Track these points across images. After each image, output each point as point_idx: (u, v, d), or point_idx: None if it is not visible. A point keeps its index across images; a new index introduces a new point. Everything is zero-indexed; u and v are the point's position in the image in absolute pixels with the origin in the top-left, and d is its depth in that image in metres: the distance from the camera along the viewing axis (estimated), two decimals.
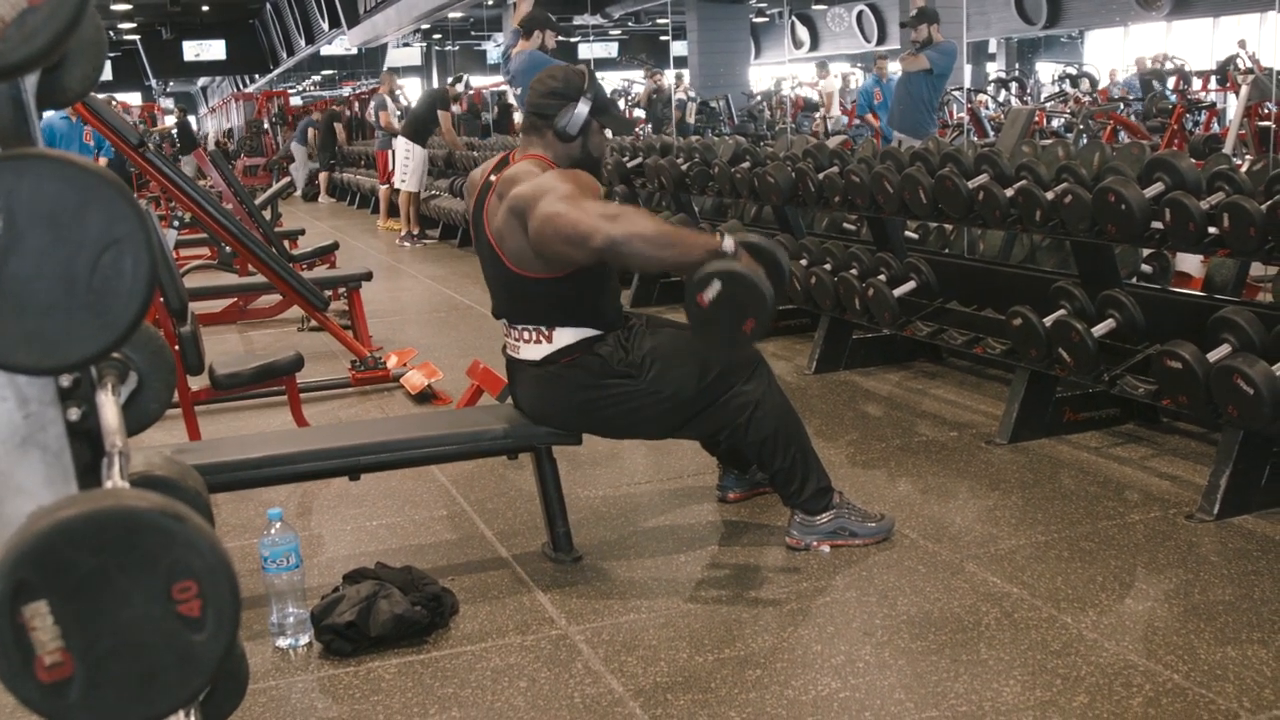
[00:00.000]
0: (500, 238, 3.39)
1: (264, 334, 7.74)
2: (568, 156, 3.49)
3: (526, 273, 3.36)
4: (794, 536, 3.56)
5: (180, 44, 33.63)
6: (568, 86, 3.47)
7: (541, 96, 3.49)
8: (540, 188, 3.27)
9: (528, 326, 3.45)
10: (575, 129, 3.46)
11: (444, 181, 12.70)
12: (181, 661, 0.89)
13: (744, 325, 3.02)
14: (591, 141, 3.53)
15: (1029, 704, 2.63)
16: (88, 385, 1.17)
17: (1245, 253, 3.92)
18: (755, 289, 2.99)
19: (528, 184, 3.31)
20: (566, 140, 3.47)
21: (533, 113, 3.51)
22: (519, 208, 3.29)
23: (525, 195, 3.28)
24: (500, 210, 3.37)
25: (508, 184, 3.38)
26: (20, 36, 0.91)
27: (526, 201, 3.27)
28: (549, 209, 3.21)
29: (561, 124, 3.45)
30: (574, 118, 3.45)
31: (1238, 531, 3.59)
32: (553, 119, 3.46)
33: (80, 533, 0.85)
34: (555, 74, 3.56)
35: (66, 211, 0.90)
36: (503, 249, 3.39)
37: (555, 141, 3.48)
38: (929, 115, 8.79)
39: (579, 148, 3.50)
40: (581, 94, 3.46)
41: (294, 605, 3.08)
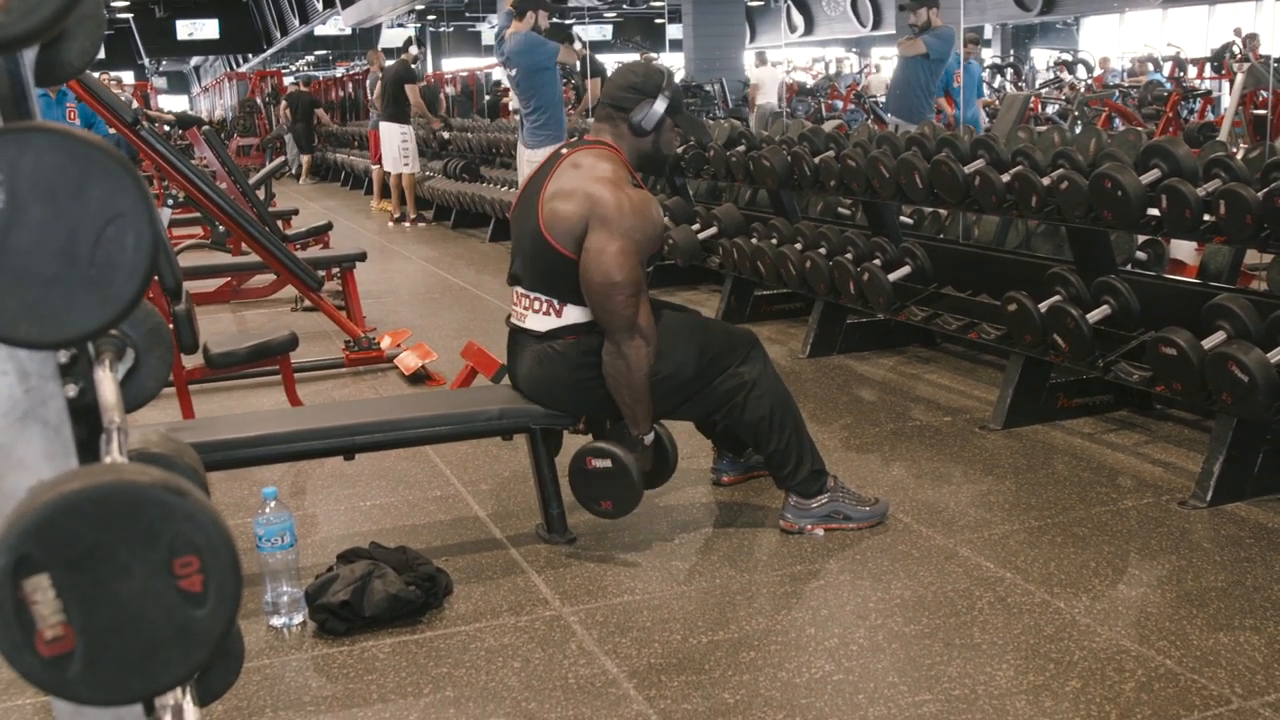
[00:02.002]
0: (553, 210, 3.40)
1: (258, 313, 7.73)
2: (638, 151, 3.56)
3: (562, 249, 3.38)
4: (788, 520, 3.57)
5: (173, 23, 33.48)
6: (647, 82, 3.53)
7: (620, 89, 3.54)
8: (623, 225, 3.32)
9: (540, 296, 3.47)
10: (650, 125, 3.52)
11: (438, 163, 12.68)
12: (182, 636, 0.88)
13: (603, 502, 3.44)
14: (663, 139, 3.59)
15: (1022, 688, 2.63)
16: (86, 361, 1.17)
17: (1241, 240, 3.93)
18: (631, 488, 3.39)
19: (616, 194, 3.35)
20: (640, 135, 3.53)
21: (610, 104, 3.55)
22: (597, 215, 3.33)
23: (608, 215, 3.33)
24: (569, 179, 3.41)
25: (590, 161, 3.44)
26: (23, 9, 0.90)
27: (609, 217, 3.32)
28: (617, 262, 3.29)
29: (638, 119, 3.50)
30: (650, 114, 3.51)
31: (1230, 518, 3.60)
32: (629, 112, 3.51)
33: (82, 507, 0.84)
34: (636, 69, 3.63)
35: (68, 185, 0.89)
36: (548, 219, 3.40)
37: (628, 134, 3.53)
38: (926, 100, 8.77)
39: (650, 144, 3.57)
40: (660, 91, 3.51)
41: (288, 584, 3.08)
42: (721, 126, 7.42)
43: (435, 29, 32.91)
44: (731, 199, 7.65)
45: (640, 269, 3.35)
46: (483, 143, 11.51)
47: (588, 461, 3.40)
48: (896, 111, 9.01)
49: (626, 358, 3.34)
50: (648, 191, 3.53)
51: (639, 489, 3.40)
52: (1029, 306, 4.38)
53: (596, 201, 3.33)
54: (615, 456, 3.38)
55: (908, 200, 5.44)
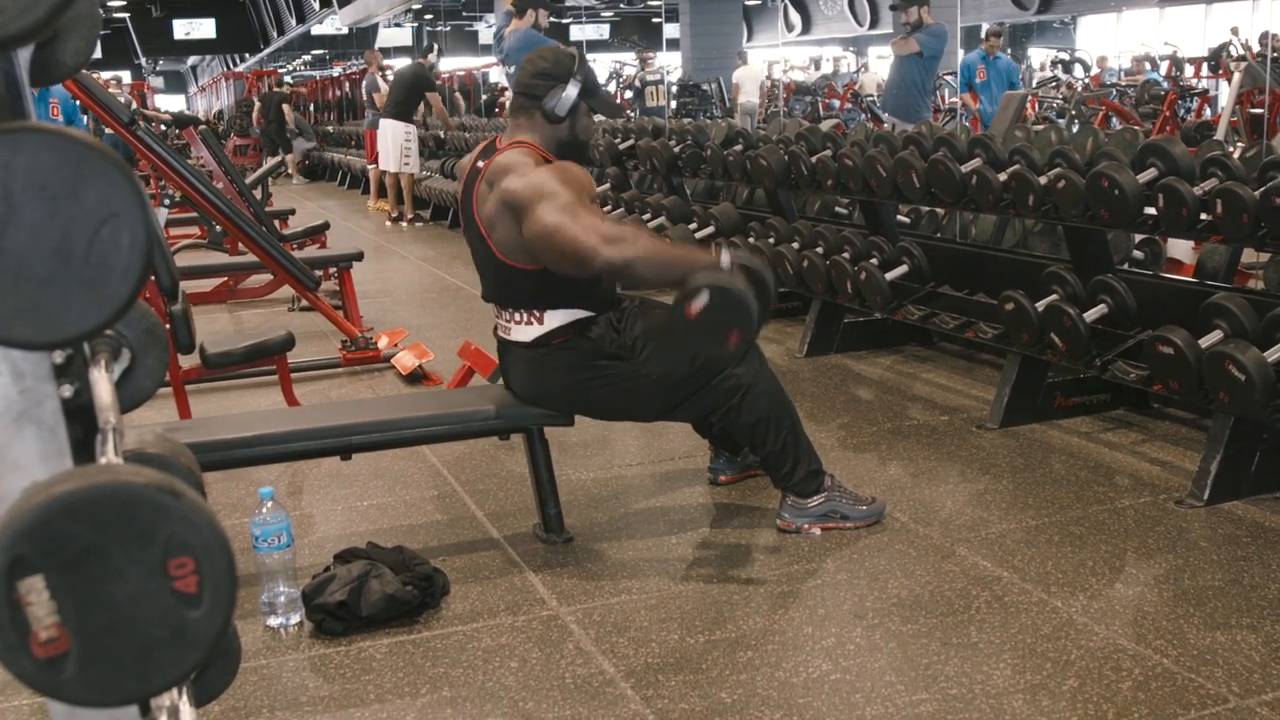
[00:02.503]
0: (490, 226, 3.36)
1: (254, 313, 7.73)
2: (555, 139, 3.46)
3: (515, 263, 3.35)
4: (785, 519, 3.57)
5: (170, 22, 33.49)
6: (557, 67, 3.44)
7: (531, 77, 3.46)
8: (537, 190, 3.21)
9: (519, 310, 3.44)
10: (564, 111, 3.43)
11: (435, 162, 12.68)
12: (177, 637, 0.88)
13: (729, 338, 3.01)
14: (580, 124, 3.49)
15: (1019, 687, 2.63)
16: (81, 362, 1.17)
17: (1238, 239, 3.93)
18: (744, 304, 2.97)
19: (521, 180, 3.26)
20: (555, 122, 3.44)
21: (521, 93, 3.48)
22: (513, 204, 3.25)
23: (520, 194, 3.23)
24: (490, 199, 3.35)
25: (498, 172, 3.34)
26: (17, 8, 0.90)
27: (522, 201, 3.22)
28: (549, 220, 3.15)
29: (550, 105, 3.42)
30: (563, 99, 3.42)
31: (1228, 517, 3.60)
32: (541, 100, 3.43)
33: (77, 507, 0.84)
34: (545, 54, 3.53)
35: (63, 185, 0.89)
36: (491, 237, 3.37)
37: (543, 123, 3.45)
38: (922, 99, 8.78)
39: (567, 130, 3.47)
40: (571, 75, 3.43)
41: (285, 584, 3.08)
42: (719, 126, 7.42)
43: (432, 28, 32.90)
44: (729, 198, 7.64)
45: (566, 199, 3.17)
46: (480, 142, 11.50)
47: (687, 311, 2.98)
48: (893, 111, 9.02)
49: (627, 263, 3.12)
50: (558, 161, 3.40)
51: (749, 300, 2.97)
52: (1026, 305, 4.38)
53: (509, 195, 3.26)
54: (708, 285, 2.97)
55: (905, 199, 5.44)
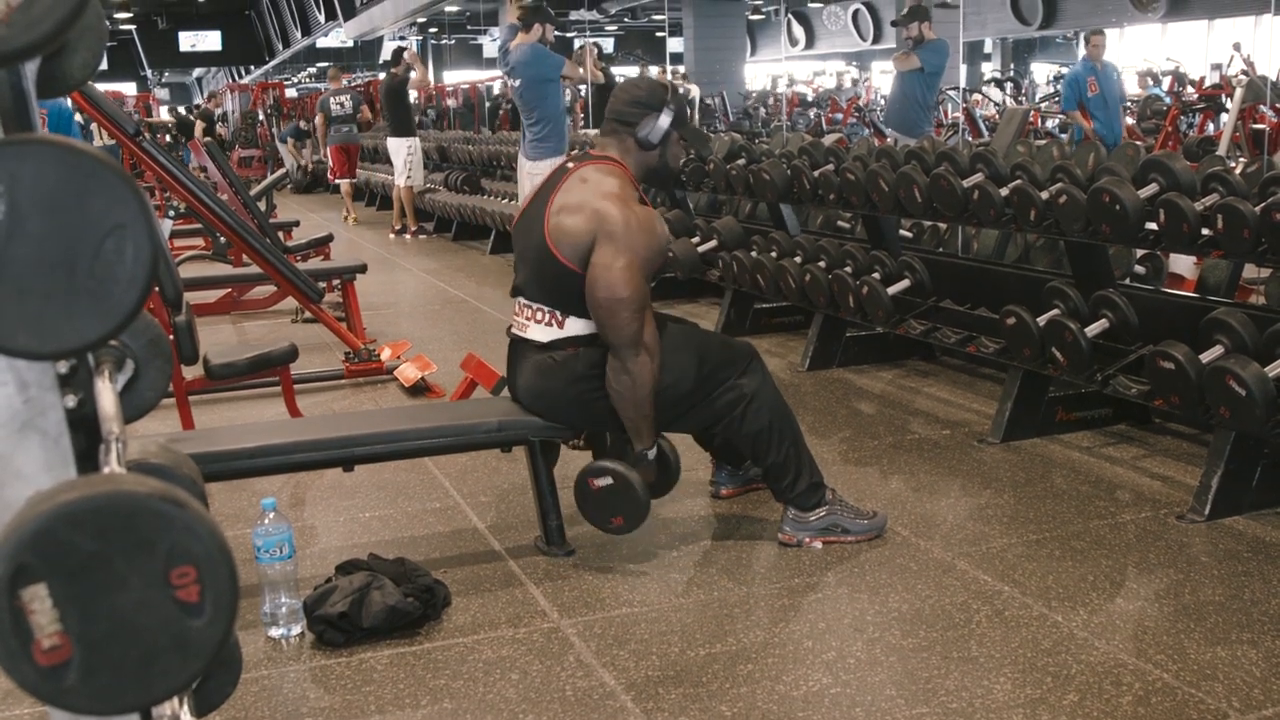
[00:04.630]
0: (559, 225, 3.40)
1: (258, 325, 7.74)
2: (644, 165, 3.57)
3: (568, 263, 3.38)
4: (786, 532, 3.57)
5: (176, 34, 33.57)
6: (651, 96, 3.54)
7: (625, 104, 3.55)
8: (630, 241, 3.32)
9: (543, 307, 3.47)
10: (656, 139, 3.53)
11: (439, 175, 12.70)
12: (179, 646, 0.89)
13: (612, 519, 3.46)
14: (670, 152, 3.60)
15: (1019, 701, 2.63)
16: (85, 372, 1.17)
17: (1239, 254, 3.94)
18: (636, 501, 3.41)
19: (625, 211, 3.35)
20: (646, 149, 3.55)
21: (615, 119, 3.56)
22: (604, 230, 3.34)
23: (615, 231, 3.33)
24: (577, 194, 3.41)
25: (597, 175, 3.46)
26: (25, 21, 0.91)
27: (616, 233, 3.33)
28: (622, 278, 3.29)
29: (643, 133, 3.52)
30: (656, 128, 3.52)
31: (1228, 532, 3.60)
32: (634, 127, 3.52)
33: (80, 517, 0.85)
34: (640, 83, 3.65)
35: (69, 196, 0.90)
36: (554, 233, 3.41)
37: (635, 148, 3.55)
38: (924, 114, 8.77)
39: (656, 157, 3.58)
40: (665, 105, 3.52)
41: (286, 595, 3.08)
42: (721, 140, 7.43)
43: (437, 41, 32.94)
44: (731, 212, 7.66)
45: (645, 285, 3.36)
46: (484, 155, 11.53)
47: (590, 483, 3.43)
48: (895, 125, 9.02)
49: (631, 373, 3.34)
50: (651, 208, 3.54)
51: (645, 501, 3.41)
52: (1027, 320, 4.39)
53: (604, 218, 3.34)
54: (615, 473, 3.40)
55: (907, 214, 5.45)
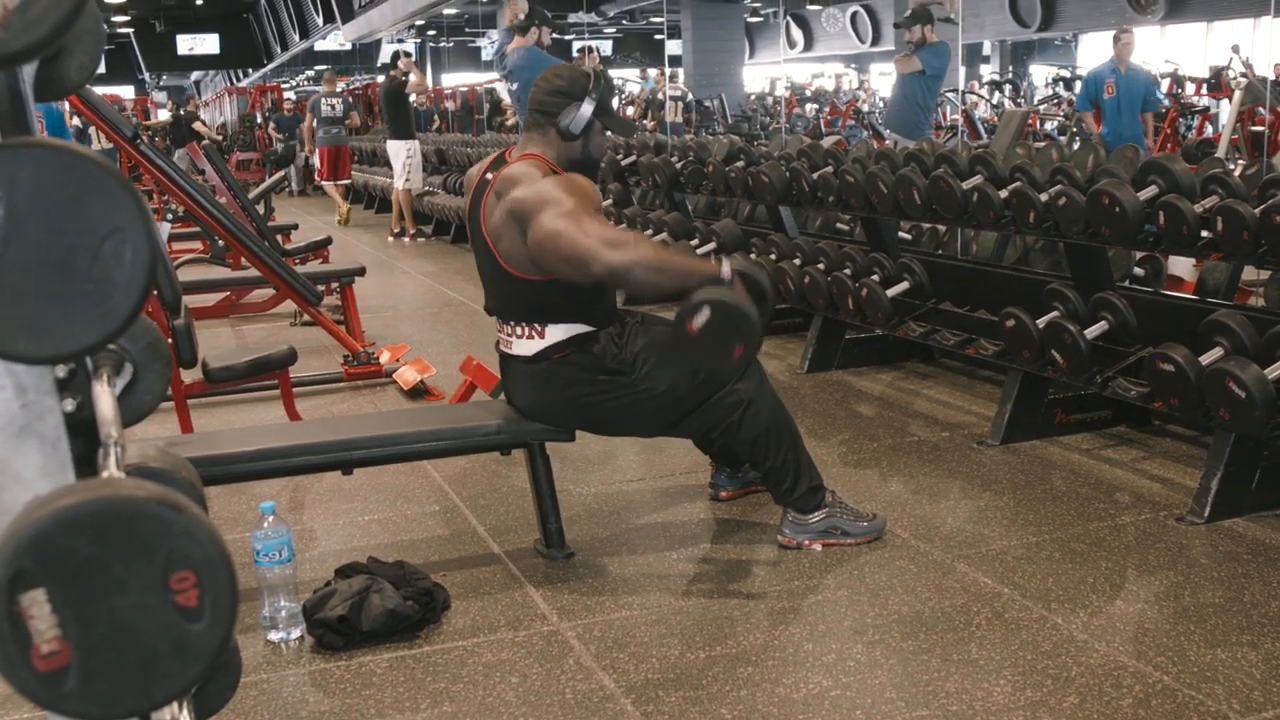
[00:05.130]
0: (496, 237, 3.38)
1: (256, 328, 7.73)
2: (568, 156, 3.48)
3: (520, 274, 3.36)
4: (786, 535, 3.57)
5: (174, 37, 33.56)
6: (573, 86, 3.46)
7: (546, 94, 3.48)
8: (542, 197, 3.24)
9: (520, 323, 3.45)
10: (578, 129, 3.45)
11: (437, 178, 12.71)
12: (178, 651, 0.89)
13: (732, 351, 3.05)
14: (593, 142, 3.52)
15: (1019, 704, 2.63)
16: (84, 376, 1.17)
17: (1238, 256, 3.94)
18: (745, 317, 3.02)
19: (528, 189, 3.28)
20: (569, 139, 3.47)
21: (536, 110, 3.50)
22: (519, 213, 3.27)
23: (526, 202, 3.26)
24: (498, 210, 3.36)
25: (506, 183, 3.36)
26: (22, 24, 0.91)
27: (527, 209, 3.25)
28: (551, 226, 3.18)
29: (565, 123, 3.45)
30: (577, 117, 3.44)
31: (1228, 534, 3.59)
32: (556, 117, 3.45)
33: (78, 521, 0.85)
34: (561, 72, 3.55)
35: (67, 200, 0.90)
36: (498, 248, 3.38)
37: (557, 140, 3.47)
38: (924, 116, 8.77)
39: (580, 148, 3.49)
40: (586, 94, 3.45)
41: (286, 599, 3.08)
42: (720, 142, 7.43)
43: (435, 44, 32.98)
44: (730, 214, 7.66)
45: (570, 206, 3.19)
46: (482, 158, 11.53)
47: (688, 327, 3.02)
48: (895, 128, 9.02)
49: (629, 269, 3.13)
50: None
51: (752, 313, 3.03)
52: (1027, 322, 4.38)
53: (516, 203, 3.28)
54: (708, 300, 3.02)
55: (906, 216, 5.45)
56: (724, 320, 3.00)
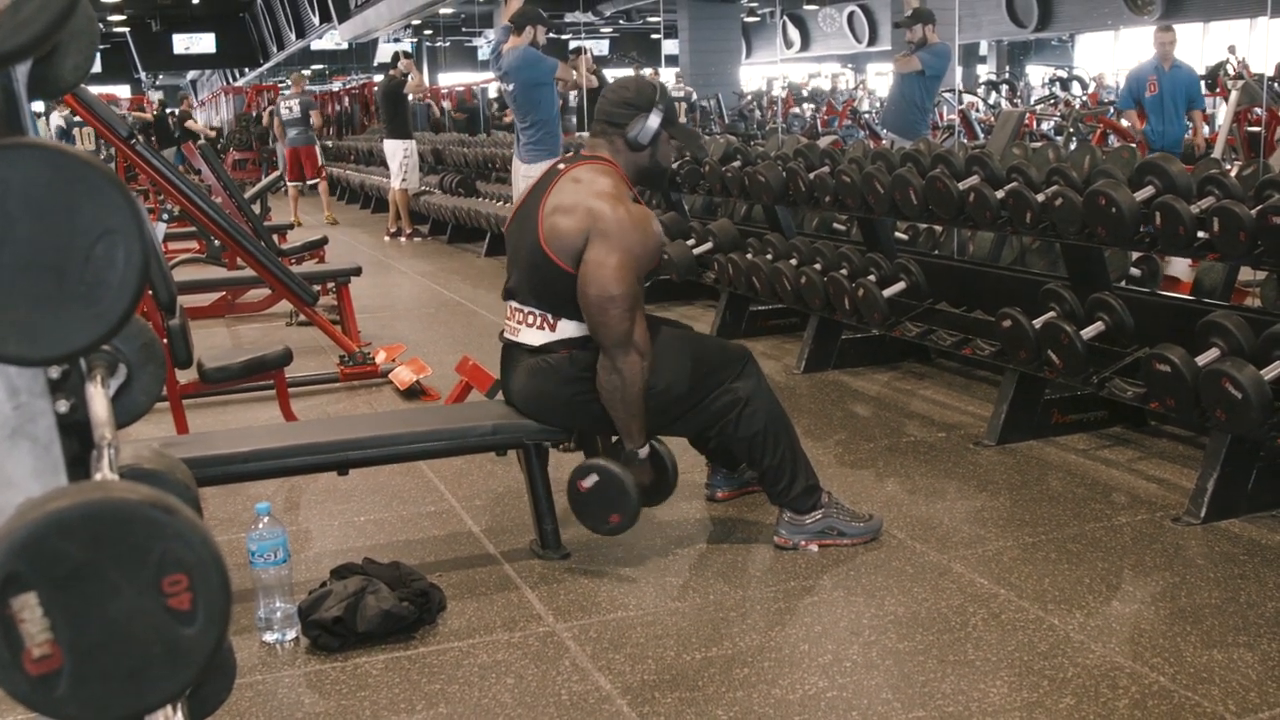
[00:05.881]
0: (553, 225, 3.39)
1: (252, 328, 7.73)
2: (634, 165, 3.56)
3: (561, 263, 3.38)
4: (782, 535, 3.57)
5: (170, 37, 33.50)
6: (640, 97, 3.53)
7: (614, 105, 3.54)
8: (623, 239, 3.32)
9: (535, 310, 3.46)
10: (646, 139, 3.52)
11: (434, 178, 12.70)
12: (171, 654, 0.88)
13: (608, 518, 3.42)
14: (660, 152, 3.60)
15: (1015, 705, 2.63)
16: (77, 377, 1.16)
17: (1235, 257, 3.93)
18: (625, 494, 3.37)
19: (612, 211, 3.35)
20: (636, 149, 3.54)
21: (604, 120, 3.56)
22: (597, 229, 3.33)
23: (608, 229, 3.33)
24: (577, 205, 3.38)
25: (589, 174, 3.44)
26: (13, 24, 0.90)
27: (604, 234, 3.32)
28: (616, 278, 3.29)
29: (633, 134, 3.51)
30: (645, 128, 3.51)
31: (1224, 535, 3.60)
32: (624, 128, 3.52)
33: (70, 524, 0.84)
34: (628, 84, 3.63)
35: (59, 201, 0.89)
36: (548, 233, 3.40)
37: (624, 149, 3.54)
38: (922, 117, 8.77)
39: (647, 157, 3.57)
40: (654, 105, 3.52)
41: (281, 600, 3.07)
42: (717, 141, 7.43)
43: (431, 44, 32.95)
44: (727, 214, 7.66)
45: (638, 284, 3.35)
46: (478, 158, 11.52)
47: (579, 486, 3.41)
48: (892, 127, 9.02)
49: (621, 373, 3.33)
50: (646, 207, 3.54)
51: (634, 494, 3.38)
52: (1023, 322, 4.38)
53: (597, 216, 3.34)
54: (600, 469, 3.38)
55: (903, 216, 5.45)
56: (608, 489, 3.38)
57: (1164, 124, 9.30)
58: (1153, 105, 9.36)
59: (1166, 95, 9.31)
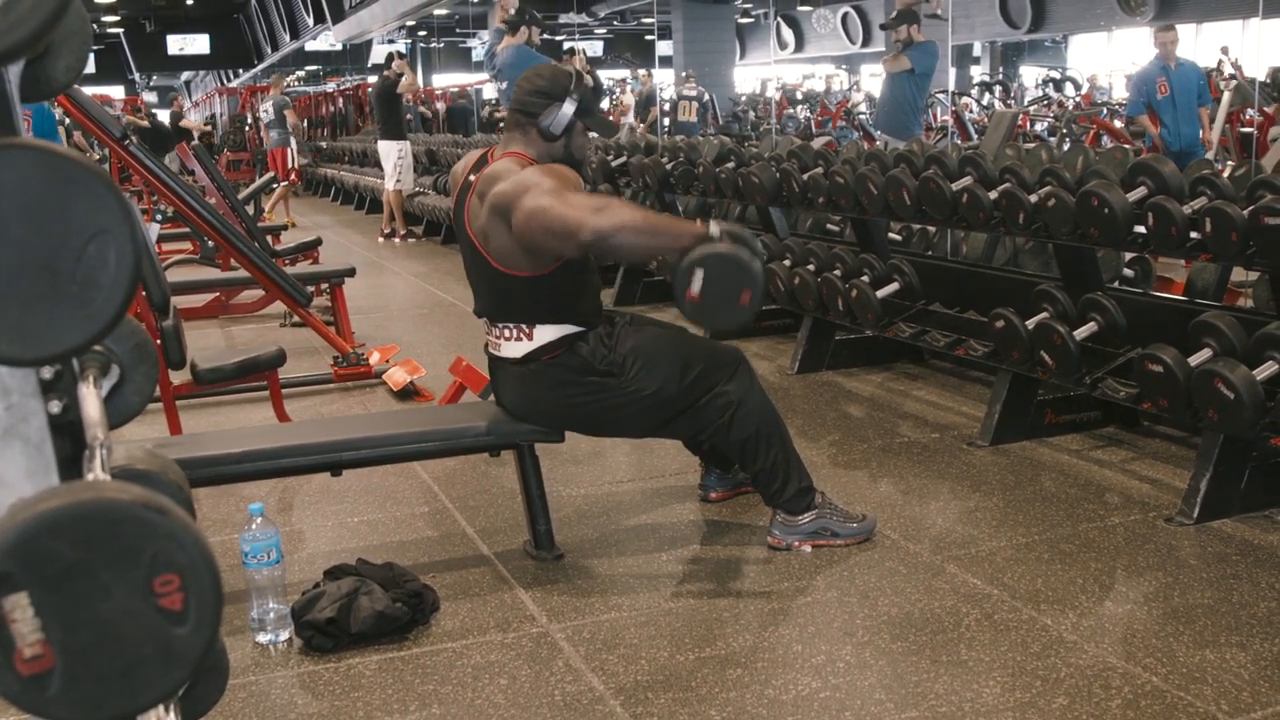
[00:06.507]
0: (484, 237, 3.37)
1: (246, 329, 7.72)
2: (549, 156, 3.47)
3: (510, 270, 3.35)
4: (775, 536, 3.57)
5: (164, 37, 33.43)
6: (554, 85, 3.46)
7: (527, 94, 3.47)
8: (522, 183, 3.26)
9: (509, 324, 3.45)
10: (559, 129, 3.45)
11: (428, 178, 12.69)
12: (163, 655, 0.88)
13: (739, 299, 3.01)
14: (575, 142, 3.51)
15: (1008, 705, 2.63)
16: (69, 378, 1.16)
17: (1227, 257, 3.94)
18: (742, 263, 3.00)
19: (508, 182, 3.29)
20: (550, 139, 3.46)
21: (517, 110, 3.49)
22: (502, 206, 3.28)
23: (507, 193, 3.27)
24: (482, 211, 3.36)
25: (488, 182, 3.37)
26: (6, 24, 0.90)
27: (509, 199, 3.26)
28: (533, 203, 3.20)
29: (546, 123, 3.44)
30: (558, 117, 3.43)
31: (1217, 535, 3.60)
32: (537, 117, 3.45)
33: (62, 524, 0.84)
34: (542, 72, 3.54)
35: (51, 201, 0.89)
36: (486, 248, 3.38)
37: (538, 139, 3.47)
38: (914, 116, 8.78)
39: (561, 148, 3.49)
40: (568, 94, 3.45)
41: (274, 601, 3.07)
42: (711, 143, 7.44)
43: (426, 44, 32.92)
44: (721, 215, 7.66)
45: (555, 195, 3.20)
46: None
47: (689, 296, 3.00)
48: (885, 128, 9.03)
49: (614, 232, 3.12)
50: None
51: (746, 257, 3.01)
52: (1016, 323, 4.39)
53: (498, 197, 3.28)
54: (700, 261, 2.99)
55: (896, 217, 5.45)
56: (722, 273, 2.98)
57: (1178, 124, 9.08)
58: (1165, 107, 9.13)
59: (1178, 95, 9.07)
